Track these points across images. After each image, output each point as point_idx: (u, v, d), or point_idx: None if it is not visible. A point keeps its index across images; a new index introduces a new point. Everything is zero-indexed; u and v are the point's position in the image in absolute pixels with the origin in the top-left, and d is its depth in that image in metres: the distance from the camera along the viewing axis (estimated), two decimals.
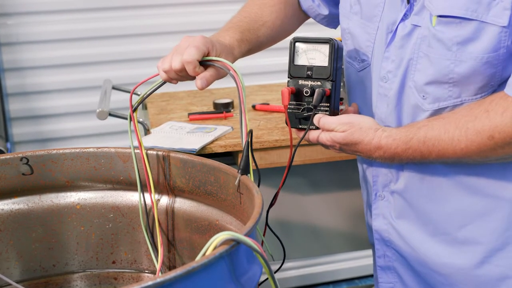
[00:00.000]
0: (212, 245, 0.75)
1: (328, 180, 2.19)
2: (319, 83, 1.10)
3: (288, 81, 1.12)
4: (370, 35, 1.14)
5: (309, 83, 1.10)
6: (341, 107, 1.14)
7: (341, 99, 1.17)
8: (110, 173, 1.17)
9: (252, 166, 1.01)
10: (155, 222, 1.13)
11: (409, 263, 1.17)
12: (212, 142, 1.52)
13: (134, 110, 1.10)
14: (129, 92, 2.05)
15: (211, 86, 1.12)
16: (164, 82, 1.09)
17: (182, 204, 1.15)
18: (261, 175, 1.03)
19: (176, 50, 1.06)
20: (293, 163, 1.12)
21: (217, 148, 1.51)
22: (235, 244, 0.76)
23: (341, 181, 2.19)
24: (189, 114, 1.76)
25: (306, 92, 1.09)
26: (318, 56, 1.10)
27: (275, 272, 0.84)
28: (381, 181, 1.17)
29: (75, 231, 1.17)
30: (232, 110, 1.78)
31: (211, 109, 1.83)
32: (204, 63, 1.06)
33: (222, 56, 1.07)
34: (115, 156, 1.16)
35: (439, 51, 1.01)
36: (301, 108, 1.11)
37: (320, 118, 1.08)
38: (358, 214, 2.16)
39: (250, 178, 1.00)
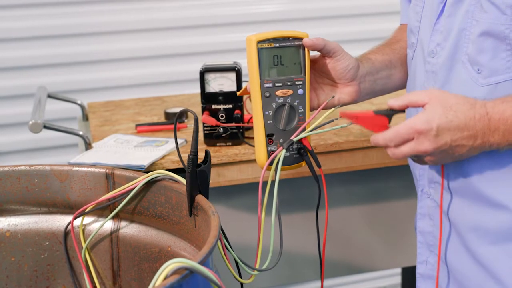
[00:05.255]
0: (162, 275, 0.74)
1: (292, 199, 2.19)
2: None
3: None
4: (417, 14, 1.17)
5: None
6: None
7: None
8: (45, 194, 1.16)
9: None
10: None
11: (454, 276, 1.14)
12: (163, 157, 1.52)
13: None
14: (67, 101, 2.04)
15: (162, 93, 1.12)
16: None
17: (129, 229, 1.14)
18: (220, 194, 1.03)
19: None
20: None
21: (169, 164, 1.50)
22: (188, 273, 0.76)
23: (302, 201, 2.20)
24: (137, 125, 1.75)
25: (222, 116, 1.52)
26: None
27: None
28: (428, 174, 1.15)
29: (4, 263, 1.16)
30: (186, 120, 1.78)
31: (162, 119, 1.83)
32: None
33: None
34: (51, 175, 1.15)
35: (493, 15, 1.03)
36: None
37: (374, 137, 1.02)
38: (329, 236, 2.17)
39: (205, 197, 1.01)
